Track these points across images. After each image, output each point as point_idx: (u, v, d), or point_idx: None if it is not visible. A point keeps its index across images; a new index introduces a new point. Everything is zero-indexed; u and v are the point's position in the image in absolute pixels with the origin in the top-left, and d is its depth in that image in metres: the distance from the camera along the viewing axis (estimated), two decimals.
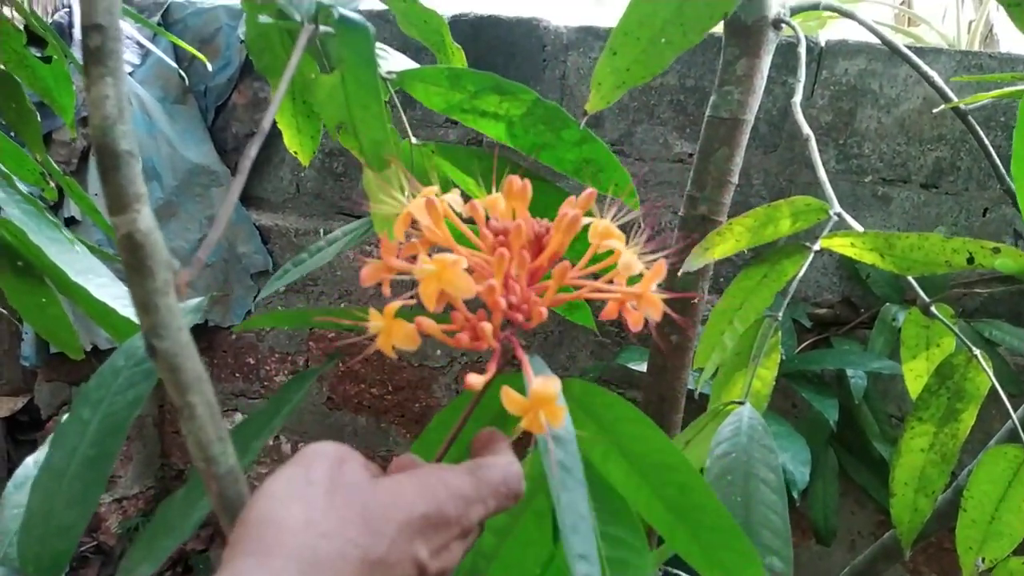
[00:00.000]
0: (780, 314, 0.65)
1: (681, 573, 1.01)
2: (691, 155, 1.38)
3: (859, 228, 0.66)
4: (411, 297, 0.34)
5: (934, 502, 0.68)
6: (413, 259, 0.39)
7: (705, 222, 0.87)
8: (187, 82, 1.71)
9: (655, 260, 0.38)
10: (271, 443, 1.76)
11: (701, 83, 1.35)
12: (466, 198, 0.40)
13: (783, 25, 0.90)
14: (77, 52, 1.56)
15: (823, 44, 1.29)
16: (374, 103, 0.43)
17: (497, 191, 0.40)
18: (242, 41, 1.64)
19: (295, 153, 0.75)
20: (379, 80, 0.43)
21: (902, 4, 2.20)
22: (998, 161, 0.83)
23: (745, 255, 1.37)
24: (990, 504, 0.65)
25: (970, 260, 0.54)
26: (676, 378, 0.95)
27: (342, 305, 1.64)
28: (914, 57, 0.90)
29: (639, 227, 0.41)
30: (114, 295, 0.69)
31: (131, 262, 0.29)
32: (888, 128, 1.26)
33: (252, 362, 1.75)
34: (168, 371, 0.29)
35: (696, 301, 0.86)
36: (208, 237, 0.33)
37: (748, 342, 0.67)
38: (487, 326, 0.32)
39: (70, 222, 1.59)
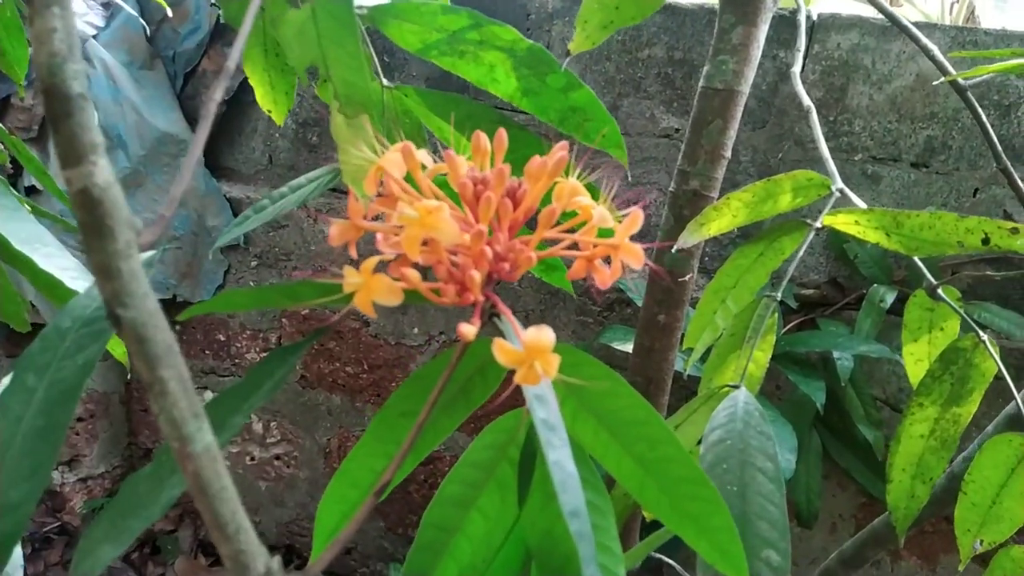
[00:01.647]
0: (779, 294, 0.62)
1: (672, 562, 0.99)
2: (678, 130, 1.34)
3: (862, 205, 0.63)
4: (389, 253, 0.30)
5: (931, 489, 0.66)
6: (380, 219, 0.36)
7: (697, 198, 0.84)
8: (155, 47, 1.63)
9: (628, 212, 0.36)
10: None
11: (690, 55, 1.31)
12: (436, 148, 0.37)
13: None
14: None
15: (815, 17, 1.25)
16: (350, 39, 0.38)
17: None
18: (212, 4, 1.57)
19: (268, 112, 0.70)
20: (355, 15, 0.38)
21: None
22: (995, 139, 0.81)
23: (733, 234, 1.34)
24: (991, 489, 0.63)
25: (985, 241, 0.51)
26: (663, 359, 0.92)
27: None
28: (913, 29, 0.87)
29: (608, 184, 0.39)
30: (61, 266, 0.64)
31: (88, 222, 0.25)
32: (879, 105, 1.23)
33: (223, 339, 1.70)
34: (135, 343, 0.25)
35: (688, 280, 0.83)
36: (171, 192, 0.29)
37: (743, 323, 0.64)
38: (476, 275, 0.29)
39: (30, 191, 1.52)
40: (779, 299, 0.62)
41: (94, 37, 1.57)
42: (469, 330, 0.28)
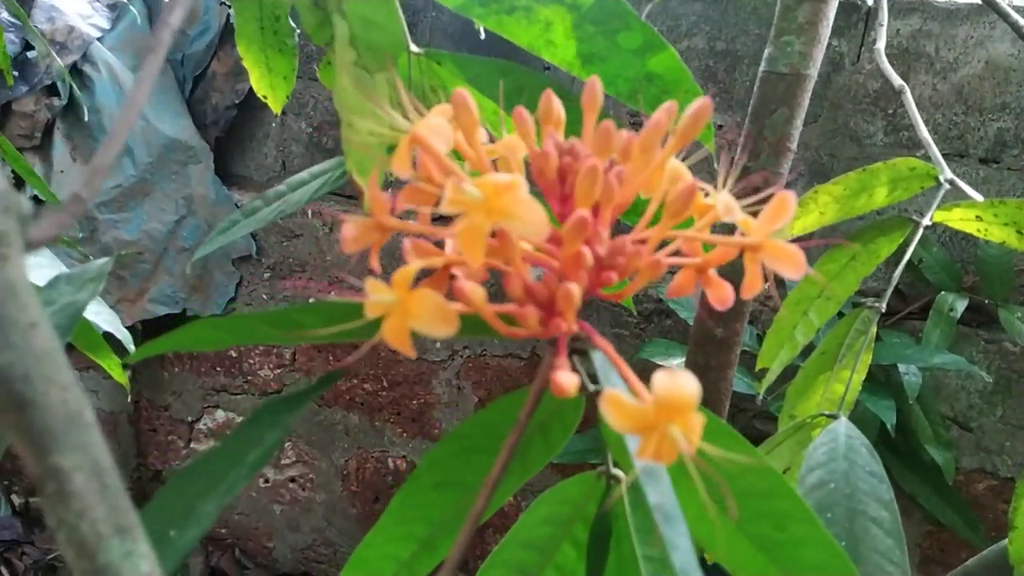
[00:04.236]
0: (883, 303, 0.52)
1: None
2: (721, 127, 1.24)
3: (978, 197, 0.53)
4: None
5: None
6: (412, 216, 0.26)
7: (767, 185, 0.74)
8: None
9: (760, 201, 0.27)
10: None
11: (733, 46, 1.21)
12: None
13: None
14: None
15: (871, 2, 1.15)
16: None
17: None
18: (222, 3, 1.49)
19: (264, 98, 0.61)
20: None
21: None
22: None
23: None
24: None
25: None
26: (720, 378, 0.82)
27: (331, 295, 1.50)
28: (1002, 3, 0.77)
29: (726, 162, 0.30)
30: (47, 277, 0.56)
31: None
32: (944, 96, 1.12)
33: (234, 355, 1.61)
34: (12, 410, 0.14)
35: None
36: (96, 159, 0.19)
37: (838, 339, 0.54)
38: (575, 289, 0.19)
39: (34, 202, 1.45)
40: (883, 309, 0.52)
41: (99, 39, 1.50)
42: (570, 382, 0.18)
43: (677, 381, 0.18)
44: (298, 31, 0.64)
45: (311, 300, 1.52)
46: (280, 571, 1.69)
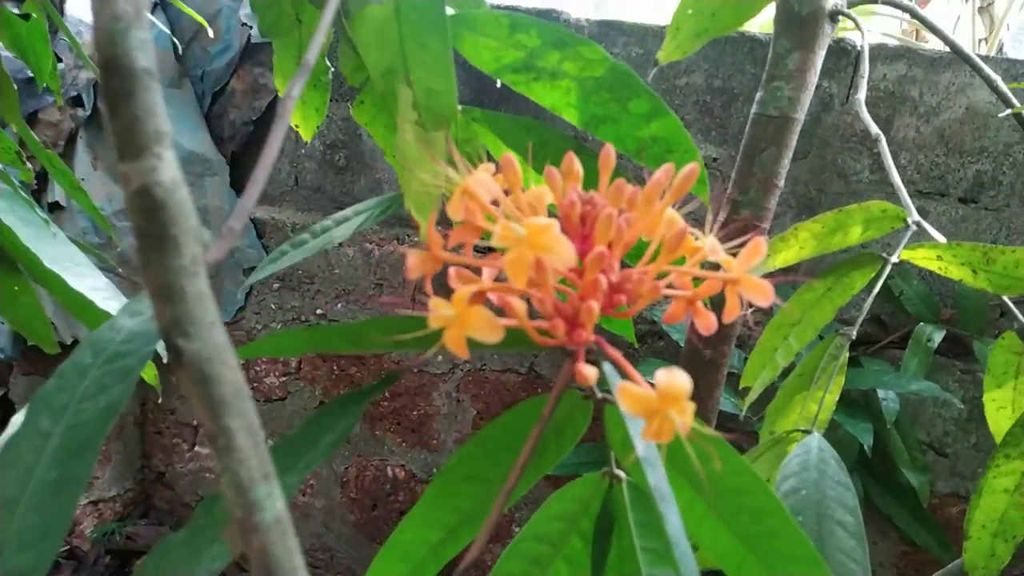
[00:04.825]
0: (854, 331, 0.58)
1: None
2: (715, 159, 1.31)
3: (941, 239, 0.59)
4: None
5: (1014, 548, 0.61)
6: (459, 249, 0.32)
7: (748, 229, 0.80)
8: (183, 65, 1.62)
9: (739, 244, 0.33)
10: None
11: (729, 84, 1.28)
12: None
13: (839, 18, 0.83)
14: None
15: (859, 47, 1.22)
16: (436, 40, 0.35)
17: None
18: (244, 24, 1.56)
19: (296, 127, 0.66)
20: (445, 12, 0.34)
21: (912, 18, 2.15)
22: None
23: None
24: None
25: None
26: (708, 397, 0.88)
27: (338, 307, 1.56)
28: (976, 59, 0.84)
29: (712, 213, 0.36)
30: (92, 286, 0.61)
31: (147, 229, 0.20)
32: (927, 138, 1.19)
33: (241, 362, 1.66)
34: (198, 383, 0.20)
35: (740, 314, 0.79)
36: (241, 201, 0.25)
37: (814, 362, 0.60)
38: (595, 306, 0.25)
39: (54, 207, 1.50)
40: (853, 337, 0.58)
41: None
42: (590, 372, 0.24)
43: (674, 376, 0.24)
44: (331, 69, 0.69)
45: (317, 310, 1.58)
46: None
